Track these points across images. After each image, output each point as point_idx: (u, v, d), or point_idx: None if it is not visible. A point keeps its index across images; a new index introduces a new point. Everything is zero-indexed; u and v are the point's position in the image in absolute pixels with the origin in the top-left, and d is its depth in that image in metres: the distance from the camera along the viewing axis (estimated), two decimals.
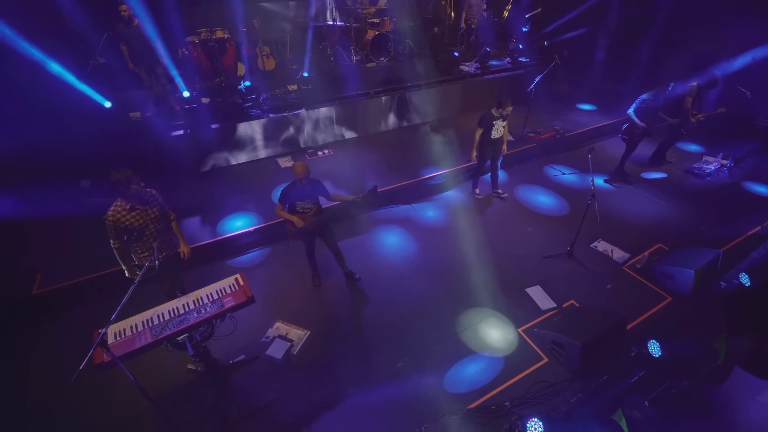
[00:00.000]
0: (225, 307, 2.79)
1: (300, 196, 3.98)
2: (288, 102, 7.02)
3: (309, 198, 4.01)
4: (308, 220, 4.05)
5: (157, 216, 3.35)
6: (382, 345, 4.01)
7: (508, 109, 5.39)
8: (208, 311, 2.76)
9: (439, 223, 5.76)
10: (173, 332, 2.61)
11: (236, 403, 3.44)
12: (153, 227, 3.34)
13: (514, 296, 4.54)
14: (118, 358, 2.39)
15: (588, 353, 3.52)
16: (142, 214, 3.23)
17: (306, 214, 4.05)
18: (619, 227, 5.60)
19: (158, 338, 2.57)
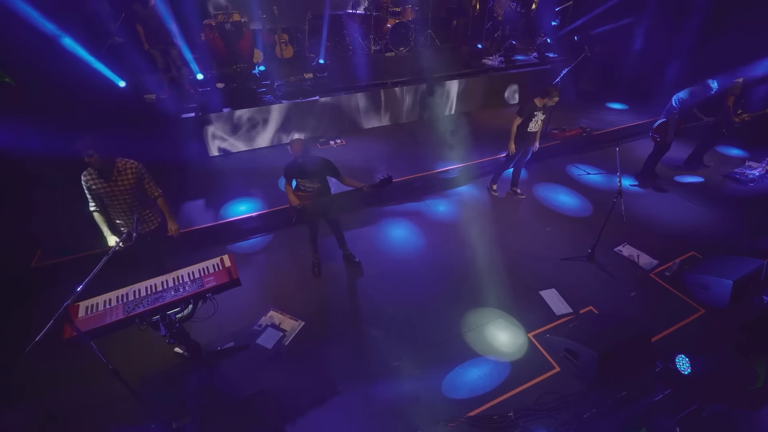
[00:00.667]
0: (204, 287, 2.59)
1: (301, 174, 3.75)
2: (302, 89, 6.86)
3: (310, 177, 3.76)
4: (307, 201, 3.82)
5: (129, 189, 3.17)
6: (379, 341, 3.75)
7: (554, 100, 4.90)
8: (186, 290, 2.57)
9: (451, 219, 5.44)
10: (146, 310, 2.43)
11: (220, 391, 3.26)
12: (119, 199, 3.18)
13: (526, 298, 4.19)
14: (85, 333, 2.23)
15: (605, 365, 3.15)
16: (111, 184, 3.10)
17: (306, 193, 3.82)
18: (648, 232, 5.14)
19: (130, 315, 2.39)
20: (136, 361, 3.46)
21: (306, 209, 3.85)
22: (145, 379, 3.31)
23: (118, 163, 3.10)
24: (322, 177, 3.81)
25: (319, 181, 3.80)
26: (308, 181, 3.78)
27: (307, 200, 3.82)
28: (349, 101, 7.10)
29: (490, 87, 8.15)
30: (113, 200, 3.17)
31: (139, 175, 3.22)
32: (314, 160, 3.72)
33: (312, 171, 3.72)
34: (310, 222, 4.15)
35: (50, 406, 3.13)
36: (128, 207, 3.23)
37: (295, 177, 3.79)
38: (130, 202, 3.22)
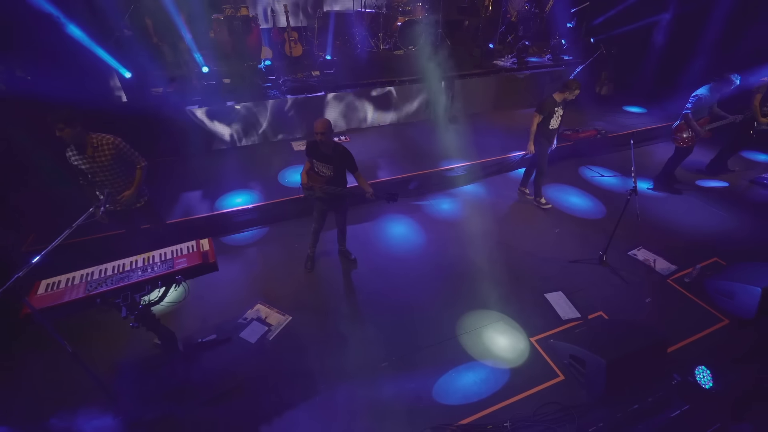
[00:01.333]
0: (174, 269, 2.41)
1: (317, 154, 3.58)
2: (308, 84, 6.77)
3: (327, 162, 3.57)
4: (318, 182, 3.65)
5: (108, 164, 3.13)
6: (368, 341, 3.51)
7: (575, 93, 4.61)
8: (154, 271, 2.40)
9: (453, 218, 5.19)
10: (109, 289, 2.26)
11: (194, 385, 3.06)
12: (101, 174, 3.16)
13: (530, 301, 3.89)
14: (42, 312, 2.07)
15: (615, 374, 2.83)
16: (89, 159, 3.08)
17: (320, 177, 3.66)
18: (665, 236, 4.79)
19: (91, 294, 2.23)
20: (113, 349, 3.31)
21: (314, 191, 3.68)
22: (117, 368, 3.15)
23: (92, 138, 3.04)
24: (338, 166, 3.62)
25: (333, 169, 3.61)
26: (323, 165, 3.60)
27: (317, 183, 3.66)
28: (355, 98, 6.97)
29: (502, 87, 7.92)
30: (95, 176, 3.14)
31: (117, 150, 3.15)
32: (334, 146, 3.55)
33: (328, 156, 3.55)
34: (317, 209, 3.97)
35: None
36: (111, 183, 3.18)
37: (315, 157, 3.61)
38: (112, 179, 3.17)
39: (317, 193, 3.69)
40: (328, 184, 3.62)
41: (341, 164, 3.58)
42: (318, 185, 3.64)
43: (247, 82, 6.58)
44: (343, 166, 3.60)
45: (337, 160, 3.54)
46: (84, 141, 3.01)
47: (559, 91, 4.70)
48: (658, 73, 8.44)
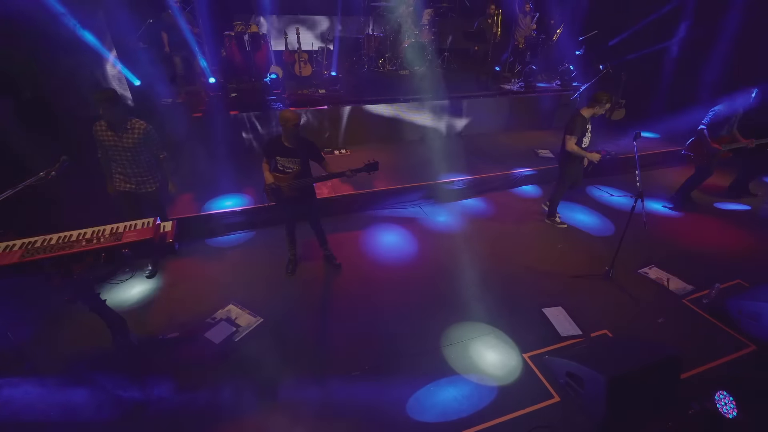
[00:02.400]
0: (121, 241, 2.22)
1: (284, 150, 3.43)
2: (311, 98, 6.83)
3: (293, 156, 3.43)
4: (285, 182, 3.48)
5: (132, 146, 3.36)
6: (341, 348, 3.18)
7: (605, 107, 4.21)
8: (99, 242, 2.22)
9: (449, 229, 4.92)
10: (44, 256, 2.08)
11: (144, 384, 2.78)
12: (122, 154, 3.38)
13: (525, 315, 3.52)
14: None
15: (617, 394, 2.42)
16: (114, 137, 3.31)
17: (285, 175, 3.49)
18: (681, 256, 4.39)
19: (24, 260, 2.05)
20: (71, 341, 3.09)
21: (282, 190, 3.51)
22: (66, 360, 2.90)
23: (130, 121, 3.33)
24: (304, 158, 3.48)
25: (300, 162, 3.47)
26: (289, 160, 3.45)
27: (283, 182, 3.48)
28: (357, 114, 6.97)
29: (507, 108, 7.85)
30: (116, 154, 3.38)
31: (146, 134, 3.39)
32: (301, 138, 3.44)
33: (293, 150, 3.41)
34: (287, 210, 3.79)
35: None
36: (128, 164, 3.43)
37: (278, 154, 3.46)
38: (131, 159, 3.41)
39: (285, 193, 3.51)
40: (296, 179, 3.45)
41: (307, 156, 3.43)
42: (285, 184, 3.46)
43: (252, 92, 6.70)
44: (309, 158, 3.45)
45: (303, 152, 3.40)
46: (120, 121, 3.27)
47: (587, 107, 4.30)
48: (669, 99, 8.24)
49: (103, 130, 3.30)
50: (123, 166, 3.44)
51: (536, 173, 6.20)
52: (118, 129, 3.28)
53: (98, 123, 3.31)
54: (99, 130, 3.31)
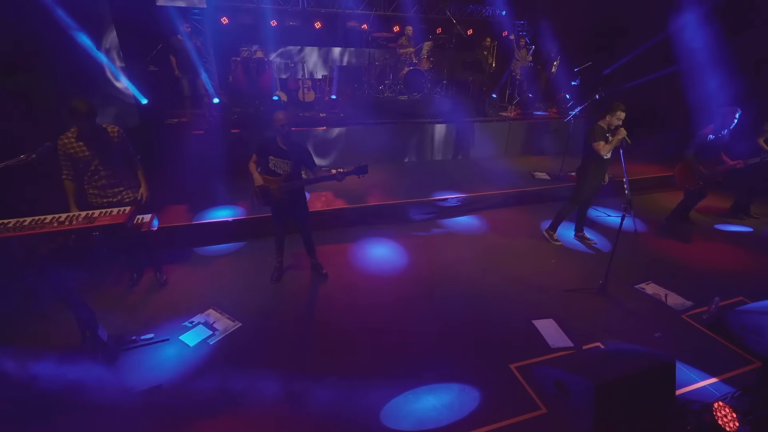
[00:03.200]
0: (92, 224, 2.21)
1: (276, 152, 3.46)
2: (310, 118, 7.03)
3: (285, 158, 3.45)
4: (275, 185, 3.49)
5: (109, 154, 3.16)
6: (317, 351, 3.05)
7: (620, 116, 4.11)
8: (71, 224, 2.21)
9: (440, 244, 4.85)
10: (12, 235, 2.07)
11: (106, 384, 2.66)
12: (100, 164, 3.15)
13: (514, 326, 3.37)
14: None
15: (606, 402, 2.25)
16: (89, 146, 3.07)
17: (275, 177, 3.50)
18: (680, 274, 4.24)
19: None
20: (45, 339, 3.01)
21: (271, 192, 3.51)
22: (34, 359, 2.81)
23: (102, 126, 3.15)
24: (296, 160, 3.51)
25: (292, 165, 3.49)
26: (281, 161, 3.48)
27: (274, 184, 3.50)
28: (356, 135, 7.12)
29: (504, 134, 7.98)
30: (90, 165, 3.11)
31: (121, 138, 3.23)
32: (295, 142, 3.50)
33: (285, 151, 3.45)
34: (276, 213, 3.77)
35: None
36: (104, 173, 3.16)
37: (271, 154, 3.48)
38: (111, 168, 3.18)
39: (275, 195, 3.52)
40: (287, 181, 3.46)
41: (299, 158, 3.46)
42: (276, 186, 3.47)
43: (254, 112, 6.93)
44: (301, 161, 3.48)
45: (296, 153, 3.43)
46: (94, 130, 3.08)
47: (603, 119, 4.25)
48: (664, 126, 8.32)
49: (73, 143, 3.04)
50: (97, 177, 3.18)
51: (532, 192, 6.18)
52: (90, 138, 3.07)
53: (64, 136, 3.05)
54: (68, 144, 3.03)
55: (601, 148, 4.19)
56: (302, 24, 9.06)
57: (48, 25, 4.89)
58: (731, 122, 4.57)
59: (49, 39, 5.08)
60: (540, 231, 5.20)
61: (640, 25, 8.24)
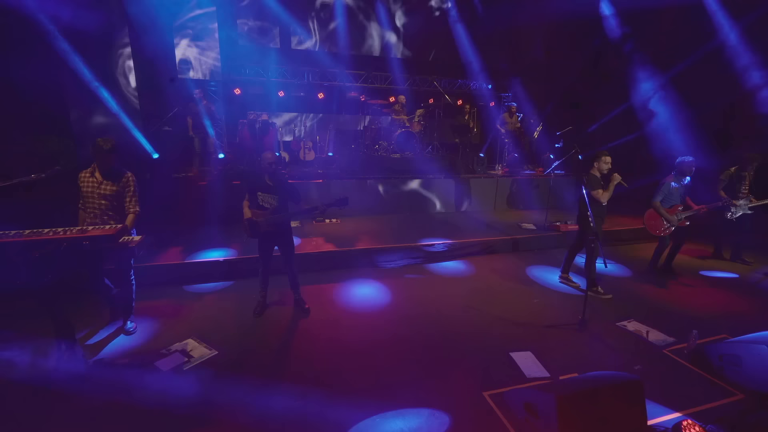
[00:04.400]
0: (83, 234, 2.43)
1: (264, 187, 3.76)
2: (308, 172, 7.52)
3: (272, 193, 3.75)
4: (263, 218, 3.73)
5: (110, 194, 3.26)
6: (293, 375, 3.03)
7: (606, 161, 4.42)
8: (65, 235, 2.43)
9: (424, 286, 4.92)
10: (8, 240, 2.28)
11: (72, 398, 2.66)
12: (97, 202, 3.24)
13: (492, 357, 3.34)
14: None
15: (569, 414, 2.21)
16: (95, 182, 3.24)
17: (264, 210, 3.77)
18: (663, 314, 4.22)
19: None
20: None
21: (259, 225, 3.75)
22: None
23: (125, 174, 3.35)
24: (283, 196, 3.81)
25: (278, 199, 3.79)
26: (269, 196, 3.77)
27: (261, 217, 3.75)
28: (350, 188, 7.54)
29: (492, 189, 8.40)
30: (90, 200, 3.24)
31: (127, 184, 3.32)
32: (283, 180, 3.83)
33: (273, 186, 3.77)
34: (262, 248, 3.97)
35: None
36: (99, 212, 3.22)
37: (260, 190, 3.80)
38: (103, 209, 3.23)
39: (262, 227, 3.76)
40: (274, 214, 3.72)
41: (286, 194, 3.75)
42: (263, 219, 3.73)
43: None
44: (287, 196, 3.77)
45: (282, 190, 3.73)
46: (112, 169, 3.26)
47: (592, 168, 4.54)
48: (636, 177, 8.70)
49: (87, 177, 3.25)
50: (99, 212, 3.24)
51: (518, 240, 6.34)
52: (106, 176, 3.25)
53: (84, 171, 3.28)
54: (82, 177, 3.27)
55: (600, 196, 4.42)
56: (306, 94, 10.10)
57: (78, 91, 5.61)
58: (689, 171, 4.88)
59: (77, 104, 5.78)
60: (527, 275, 5.28)
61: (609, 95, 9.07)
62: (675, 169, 4.99)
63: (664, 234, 5.07)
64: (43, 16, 4.73)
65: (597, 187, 4.46)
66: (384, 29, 10.52)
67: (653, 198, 5.03)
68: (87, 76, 5.38)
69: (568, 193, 8.50)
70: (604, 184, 4.49)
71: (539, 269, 5.50)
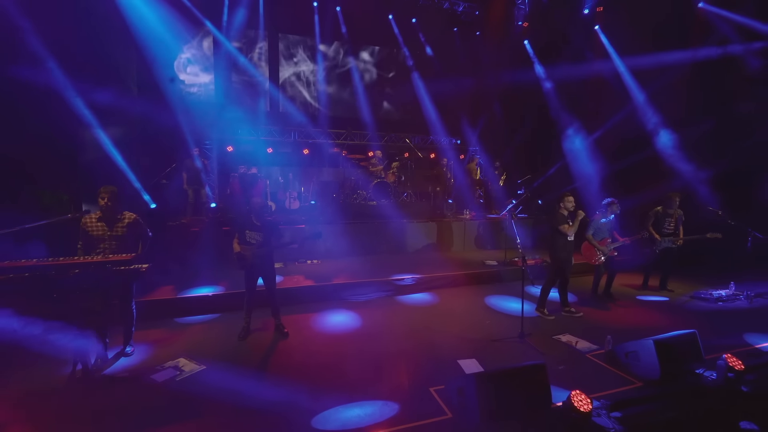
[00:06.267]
0: (107, 259, 3.12)
1: (251, 226, 4.49)
2: (293, 219, 8.31)
3: (258, 231, 4.49)
4: (249, 252, 4.43)
5: (121, 235, 3.80)
6: (270, 379, 3.58)
7: (568, 200, 5.22)
8: (92, 260, 3.11)
9: (392, 312, 5.55)
10: (46, 263, 2.94)
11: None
12: (108, 244, 3.77)
13: (442, 363, 3.95)
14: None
15: (486, 392, 2.83)
16: (105, 227, 3.78)
17: (250, 246, 4.47)
18: (595, 328, 4.90)
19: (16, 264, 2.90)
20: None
21: (246, 257, 4.44)
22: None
23: (122, 214, 3.89)
24: (267, 234, 4.55)
25: (263, 236, 4.52)
26: (255, 234, 4.51)
27: (248, 251, 4.46)
28: (330, 232, 8.29)
29: (458, 231, 9.28)
30: (104, 242, 3.73)
31: (136, 223, 3.89)
32: (267, 220, 4.59)
33: (258, 225, 4.52)
34: (248, 276, 4.61)
35: None
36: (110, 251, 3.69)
37: (247, 228, 4.53)
38: (117, 247, 3.72)
39: (249, 260, 4.46)
40: (260, 248, 4.45)
41: (269, 232, 4.50)
42: (250, 252, 4.45)
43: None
44: (270, 234, 4.51)
45: (266, 228, 4.49)
46: (114, 214, 3.78)
47: (559, 207, 5.29)
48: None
49: (94, 222, 3.73)
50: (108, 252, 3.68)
51: (480, 273, 7.07)
52: (109, 220, 3.76)
53: (88, 216, 3.75)
54: (89, 223, 3.73)
55: (566, 230, 5.23)
56: (293, 151, 11.22)
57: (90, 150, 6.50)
58: (612, 209, 5.83)
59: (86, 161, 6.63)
60: (484, 304, 5.95)
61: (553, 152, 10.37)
62: (602, 208, 5.95)
63: (599, 263, 5.90)
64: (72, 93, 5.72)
65: (563, 223, 5.29)
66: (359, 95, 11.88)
67: (586, 232, 5.92)
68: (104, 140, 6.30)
69: (528, 233, 9.39)
70: (570, 220, 5.33)
71: (496, 298, 6.19)
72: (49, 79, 5.71)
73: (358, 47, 12.08)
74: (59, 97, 5.80)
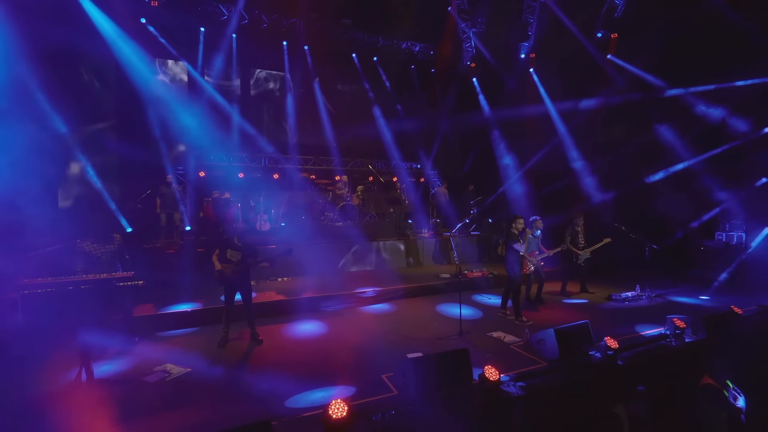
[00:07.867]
0: (111, 276, 3.77)
1: (232, 246, 5.20)
2: (264, 239, 8.98)
3: (238, 251, 5.20)
4: (229, 269, 5.12)
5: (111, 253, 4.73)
6: (248, 373, 4.28)
7: (517, 221, 6.19)
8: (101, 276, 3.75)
9: (354, 320, 6.35)
10: (69, 279, 3.57)
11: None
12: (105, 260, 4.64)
13: (394, 357, 4.77)
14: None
15: (422, 372, 3.68)
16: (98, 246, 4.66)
17: (229, 264, 5.16)
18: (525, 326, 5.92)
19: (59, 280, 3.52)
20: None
21: (226, 274, 5.12)
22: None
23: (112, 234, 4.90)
24: (245, 254, 5.27)
25: (242, 256, 5.23)
26: (235, 252, 5.21)
27: (228, 269, 5.15)
28: (300, 250, 9.00)
29: (417, 249, 10.27)
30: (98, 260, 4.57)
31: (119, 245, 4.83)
32: (246, 241, 5.31)
33: (239, 246, 5.23)
34: (228, 288, 5.27)
35: None
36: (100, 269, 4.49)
37: (228, 247, 5.23)
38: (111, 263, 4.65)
39: (229, 276, 5.14)
40: (238, 265, 5.17)
41: (248, 252, 5.24)
42: (229, 269, 5.16)
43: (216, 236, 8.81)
44: (248, 254, 5.25)
45: (245, 249, 5.23)
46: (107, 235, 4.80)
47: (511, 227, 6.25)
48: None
49: (90, 245, 4.60)
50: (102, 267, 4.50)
51: (433, 286, 8.02)
52: (103, 242, 4.67)
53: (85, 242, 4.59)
54: (88, 245, 4.58)
55: (518, 247, 6.24)
56: (263, 175, 11.91)
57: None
58: (538, 226, 7.01)
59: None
60: (435, 311, 6.87)
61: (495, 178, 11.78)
62: (530, 225, 7.11)
63: (529, 272, 7.02)
64: None
65: (516, 240, 6.32)
66: (325, 124, 12.85)
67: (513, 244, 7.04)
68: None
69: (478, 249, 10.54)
70: (521, 238, 6.37)
71: (446, 305, 7.13)
72: None
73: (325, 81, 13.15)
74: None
